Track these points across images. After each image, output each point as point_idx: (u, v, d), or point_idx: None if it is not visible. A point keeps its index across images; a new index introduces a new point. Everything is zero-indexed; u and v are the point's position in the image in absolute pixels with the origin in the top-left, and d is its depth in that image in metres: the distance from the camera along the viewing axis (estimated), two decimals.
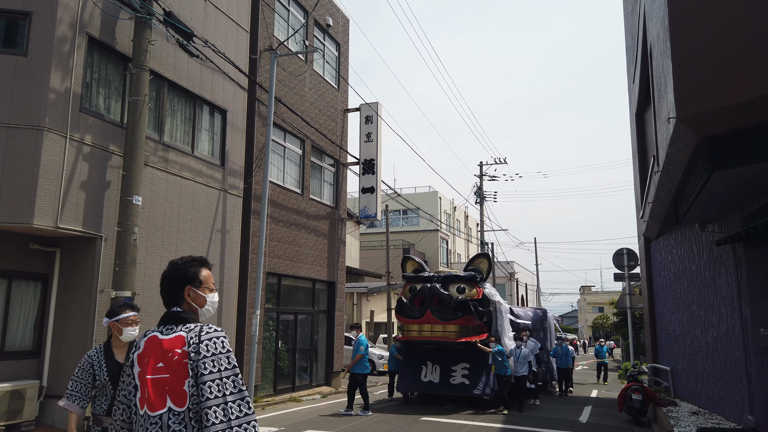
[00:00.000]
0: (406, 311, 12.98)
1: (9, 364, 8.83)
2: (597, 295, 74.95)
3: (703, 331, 11.10)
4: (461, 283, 13.08)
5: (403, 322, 13.29)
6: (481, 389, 12.47)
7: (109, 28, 9.80)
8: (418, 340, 13.00)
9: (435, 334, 12.67)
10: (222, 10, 12.64)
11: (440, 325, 12.59)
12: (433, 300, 12.63)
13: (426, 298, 12.73)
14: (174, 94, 11.38)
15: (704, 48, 5.85)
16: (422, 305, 12.78)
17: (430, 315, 12.56)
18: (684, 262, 12.32)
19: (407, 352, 13.71)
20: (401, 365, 13.72)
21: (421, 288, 12.96)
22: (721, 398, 10.11)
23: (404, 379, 13.36)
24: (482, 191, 31.50)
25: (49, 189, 8.56)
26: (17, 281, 9.11)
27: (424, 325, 12.77)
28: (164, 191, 10.80)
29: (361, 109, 18.09)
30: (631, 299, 17.20)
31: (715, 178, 6.63)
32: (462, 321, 12.58)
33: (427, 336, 12.74)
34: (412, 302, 12.94)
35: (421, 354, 13.33)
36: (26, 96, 8.55)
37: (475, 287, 13.12)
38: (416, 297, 12.91)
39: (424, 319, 12.67)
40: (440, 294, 12.60)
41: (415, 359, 13.37)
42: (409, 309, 12.90)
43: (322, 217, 16.59)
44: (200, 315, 2.38)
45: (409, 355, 13.66)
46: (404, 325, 13.31)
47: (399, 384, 13.51)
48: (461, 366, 12.99)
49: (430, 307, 12.59)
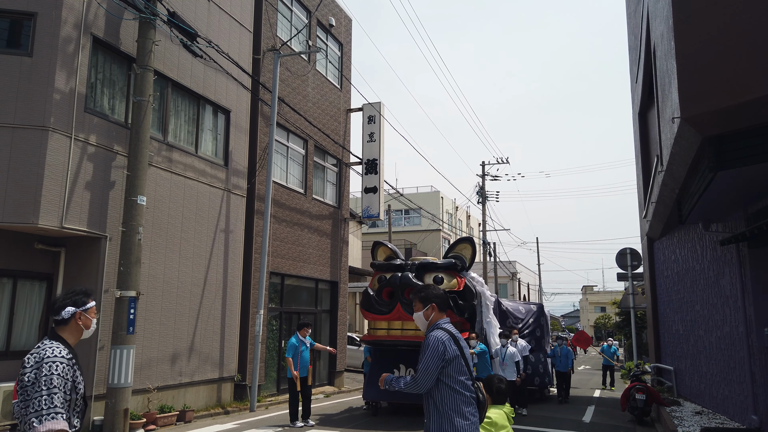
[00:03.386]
0: (372, 305, 11.05)
1: (14, 364, 8.84)
2: (599, 295, 74.91)
3: (707, 331, 11.09)
4: (439, 272, 11.17)
5: (369, 318, 11.34)
6: None
7: (114, 29, 9.82)
8: (385, 341, 11.03)
9: (406, 332, 10.70)
10: (225, 10, 12.67)
11: (413, 322, 10.06)
12: (404, 292, 10.69)
13: (396, 289, 10.81)
14: (178, 95, 11.40)
15: (709, 47, 5.85)
16: (391, 298, 10.90)
17: (400, 310, 10.65)
18: (687, 261, 12.31)
19: (376, 354, 11.83)
20: (369, 369, 11.83)
21: (390, 278, 10.99)
22: (725, 398, 10.10)
23: (372, 385, 11.18)
24: (484, 191, 31.49)
25: (54, 189, 8.59)
26: (22, 281, 9.14)
27: (393, 322, 10.86)
28: (168, 191, 10.83)
29: (364, 109, 18.10)
30: (634, 299, 17.17)
31: (719, 177, 6.62)
32: None
33: (396, 335, 10.81)
34: (379, 294, 11.02)
35: (393, 356, 11.38)
36: (31, 96, 8.58)
37: (455, 277, 11.21)
38: (384, 288, 10.99)
39: (394, 315, 10.78)
40: (412, 284, 10.63)
41: (385, 362, 11.35)
42: (376, 302, 11.00)
43: (325, 216, 16.61)
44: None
45: (378, 358, 11.68)
46: (371, 323, 11.38)
47: (366, 391, 11.52)
48: None
49: (400, 300, 10.68)
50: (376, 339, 11.17)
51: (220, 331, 12.10)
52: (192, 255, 11.35)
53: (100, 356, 9.15)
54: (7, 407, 8.28)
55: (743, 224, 8.58)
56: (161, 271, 10.56)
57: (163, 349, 10.51)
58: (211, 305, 11.88)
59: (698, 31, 5.94)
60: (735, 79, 5.61)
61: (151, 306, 10.28)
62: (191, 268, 11.32)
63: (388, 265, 11.44)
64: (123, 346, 8.88)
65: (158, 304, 10.47)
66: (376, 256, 12.17)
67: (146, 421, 9.53)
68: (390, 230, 28.81)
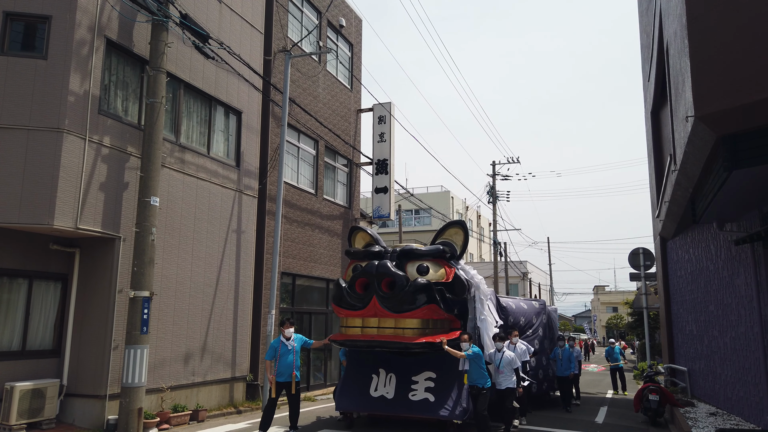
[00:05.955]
0: (343, 299, 9.29)
1: (30, 363, 8.97)
2: (611, 295, 74.48)
3: (721, 332, 10.99)
4: (424, 260, 9.45)
5: (341, 314, 9.56)
6: (450, 409, 8.97)
7: (127, 31, 9.92)
8: (358, 341, 9.24)
9: (384, 331, 9.02)
10: (237, 11, 12.74)
11: (391, 319, 8.97)
12: (380, 283, 8.93)
13: (371, 280, 9.00)
14: (190, 96, 11.49)
15: (723, 45, 5.81)
16: (366, 290, 9.08)
17: (376, 304, 8.91)
18: (701, 261, 12.21)
19: (351, 356, 10.30)
20: (343, 375, 10.39)
21: (365, 266, 9.18)
22: (740, 399, 10.01)
23: (346, 393, 9.76)
24: (495, 190, 31.41)
25: (68, 190, 8.69)
26: (38, 281, 9.25)
27: (368, 319, 9.14)
28: (181, 192, 10.91)
29: (374, 110, 18.13)
30: (647, 299, 17.05)
31: (733, 177, 6.57)
32: (423, 313, 8.94)
33: (372, 334, 9.06)
34: (352, 286, 9.21)
35: (371, 359, 9.94)
36: (46, 99, 8.68)
37: (443, 266, 9.48)
38: (358, 279, 9.17)
39: (369, 311, 9.02)
40: (390, 274, 8.90)
41: (362, 366, 9.95)
42: (348, 295, 9.20)
43: (336, 217, 16.65)
44: None
45: (354, 360, 10.18)
46: (343, 319, 9.59)
47: (339, 400, 9.77)
48: (425, 376, 9.49)
49: (376, 292, 8.91)
50: (347, 339, 9.34)
51: (232, 331, 12.17)
52: (204, 255, 11.43)
53: (114, 356, 9.23)
54: (24, 406, 8.38)
55: (758, 223, 8.50)
56: (174, 272, 10.64)
57: (176, 349, 10.59)
58: (224, 305, 11.96)
59: (712, 29, 5.90)
60: (750, 77, 5.57)
61: (164, 306, 10.36)
62: (204, 269, 11.40)
63: (365, 252, 9.74)
64: (137, 346, 8.96)
65: (171, 304, 10.55)
66: (353, 243, 10.53)
67: (160, 420, 9.61)
68: (400, 230, 28.81)
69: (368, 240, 10.32)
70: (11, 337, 8.86)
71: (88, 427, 8.98)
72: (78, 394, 9.22)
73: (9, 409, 8.25)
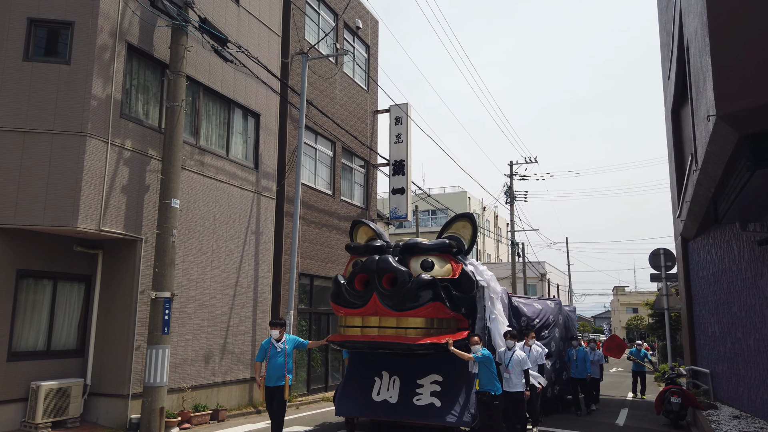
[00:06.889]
0: (341, 296, 8.72)
1: (55, 363, 9.15)
2: (631, 296, 73.55)
3: (745, 333, 10.81)
4: (429, 254, 8.86)
5: (339, 313, 9.04)
6: (458, 415, 8.39)
7: (147, 36, 10.07)
8: (358, 341, 8.69)
9: (385, 331, 8.44)
10: (254, 15, 12.86)
11: (393, 318, 8.40)
12: (381, 279, 8.35)
13: (372, 276, 8.42)
14: (209, 99, 11.62)
15: (744, 43, 5.72)
16: (366, 287, 8.50)
17: (376, 302, 8.34)
18: (724, 262, 12.02)
19: (353, 358, 9.78)
20: (344, 377, 9.91)
21: (366, 261, 8.60)
22: (765, 402, 9.83)
23: (347, 397, 9.23)
24: (512, 191, 31.25)
25: (91, 193, 8.85)
26: (62, 282, 9.43)
27: (369, 318, 8.56)
28: (200, 194, 11.04)
29: (391, 111, 18.16)
30: (669, 300, 16.83)
31: (757, 176, 6.47)
32: (427, 311, 8.38)
33: (372, 335, 8.50)
34: (351, 283, 8.66)
35: (374, 361, 9.41)
36: (69, 103, 8.85)
37: (449, 262, 8.92)
38: (358, 275, 8.63)
39: (369, 309, 8.44)
40: (392, 269, 8.32)
41: (364, 368, 9.44)
42: (347, 293, 8.62)
43: (353, 218, 16.69)
44: None
45: (355, 362, 9.67)
46: (342, 319, 9.07)
47: (339, 405, 9.26)
48: (431, 380, 8.92)
49: (377, 289, 8.32)
50: (346, 340, 8.81)
51: (251, 331, 12.28)
52: (224, 257, 11.55)
53: (136, 356, 9.38)
54: (50, 405, 8.55)
55: None
56: (194, 273, 10.78)
57: (196, 349, 10.72)
58: (243, 306, 12.07)
59: (734, 26, 5.82)
60: None
61: (185, 307, 10.50)
62: (223, 270, 11.52)
63: (366, 247, 9.16)
64: (158, 346, 9.09)
65: (192, 305, 10.68)
66: (355, 237, 9.98)
67: (181, 419, 9.74)
68: (417, 231, 28.80)
69: (371, 234, 9.78)
70: (37, 337, 9.04)
71: (111, 425, 9.13)
72: (101, 393, 9.39)
73: (35, 408, 8.42)
